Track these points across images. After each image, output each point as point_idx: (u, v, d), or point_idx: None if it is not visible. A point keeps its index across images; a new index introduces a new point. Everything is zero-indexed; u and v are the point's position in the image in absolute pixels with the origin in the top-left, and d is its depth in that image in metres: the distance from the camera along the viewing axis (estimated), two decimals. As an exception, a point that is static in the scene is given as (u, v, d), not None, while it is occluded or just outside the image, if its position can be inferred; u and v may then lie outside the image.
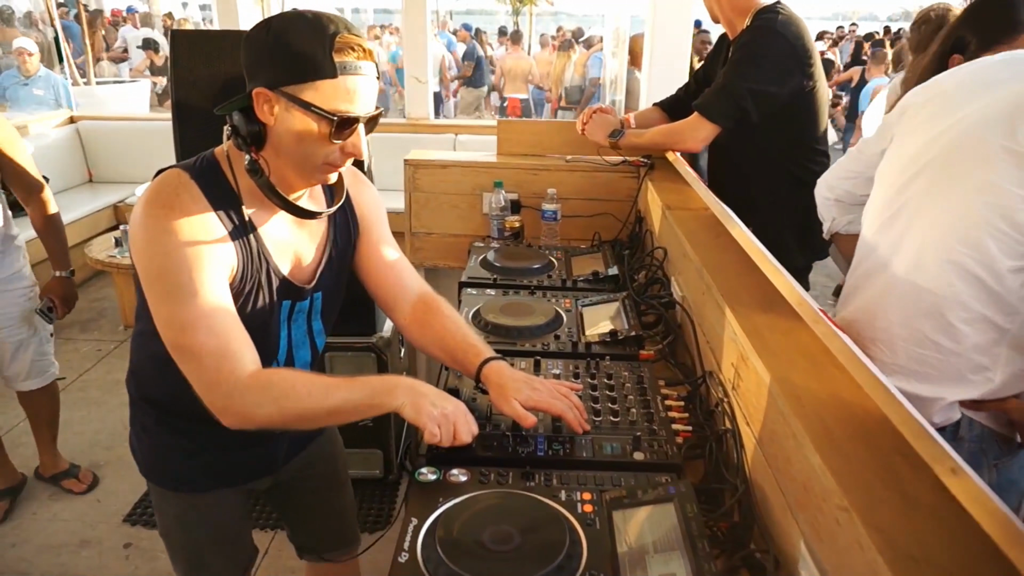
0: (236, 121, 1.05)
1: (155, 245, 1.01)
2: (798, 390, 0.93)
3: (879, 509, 0.71)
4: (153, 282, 1.03)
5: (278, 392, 1.03)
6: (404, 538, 0.91)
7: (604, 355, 1.42)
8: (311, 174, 1.09)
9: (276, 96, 1.01)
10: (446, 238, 2.40)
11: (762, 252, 1.28)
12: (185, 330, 1.01)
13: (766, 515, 0.97)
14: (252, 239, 1.10)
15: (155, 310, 1.04)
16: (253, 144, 1.05)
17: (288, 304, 1.19)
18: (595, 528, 0.94)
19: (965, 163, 1.19)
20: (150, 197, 1.03)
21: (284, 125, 1.02)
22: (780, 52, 1.95)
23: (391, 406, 1.03)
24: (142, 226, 1.02)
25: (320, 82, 0.99)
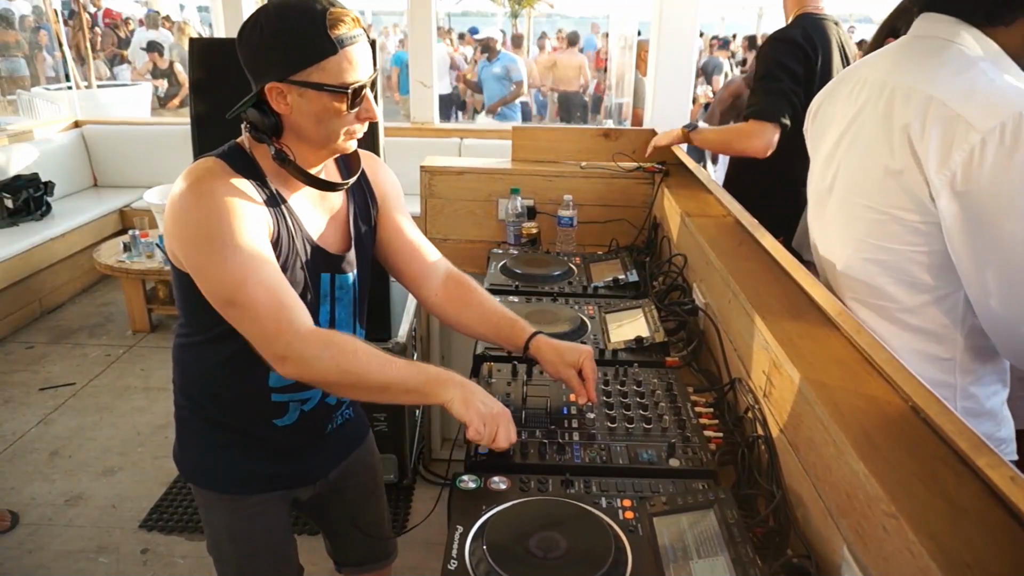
0: (252, 118, 1.09)
1: (198, 210, 1.04)
2: (835, 397, 0.95)
3: (927, 516, 0.72)
4: (200, 247, 1.05)
5: (338, 350, 1.04)
6: (452, 546, 0.93)
7: (631, 362, 1.44)
8: (334, 146, 1.13)
9: (288, 86, 1.05)
10: (462, 244, 2.41)
11: (793, 260, 1.30)
12: (239, 286, 1.03)
13: (803, 521, 0.99)
14: (283, 209, 1.14)
15: (205, 274, 1.05)
16: (273, 135, 1.10)
17: (328, 278, 1.21)
18: (638, 535, 0.96)
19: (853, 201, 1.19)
20: (184, 178, 1.07)
21: (301, 111, 1.07)
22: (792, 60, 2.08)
23: (441, 398, 1.06)
24: (181, 199, 1.05)
25: (324, 62, 1.03)
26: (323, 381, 1.07)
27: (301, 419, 1.27)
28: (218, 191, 1.05)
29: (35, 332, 4.04)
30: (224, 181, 1.07)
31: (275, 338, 1.03)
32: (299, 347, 1.03)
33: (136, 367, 3.63)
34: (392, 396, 1.09)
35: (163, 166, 4.88)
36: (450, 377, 1.08)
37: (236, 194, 1.06)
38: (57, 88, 7.10)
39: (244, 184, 1.09)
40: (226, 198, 1.05)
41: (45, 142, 4.88)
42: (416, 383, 1.07)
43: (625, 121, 5.68)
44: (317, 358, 1.03)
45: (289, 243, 1.14)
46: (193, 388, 1.27)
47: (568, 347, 1.27)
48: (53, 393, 3.36)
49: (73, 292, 4.52)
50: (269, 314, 1.03)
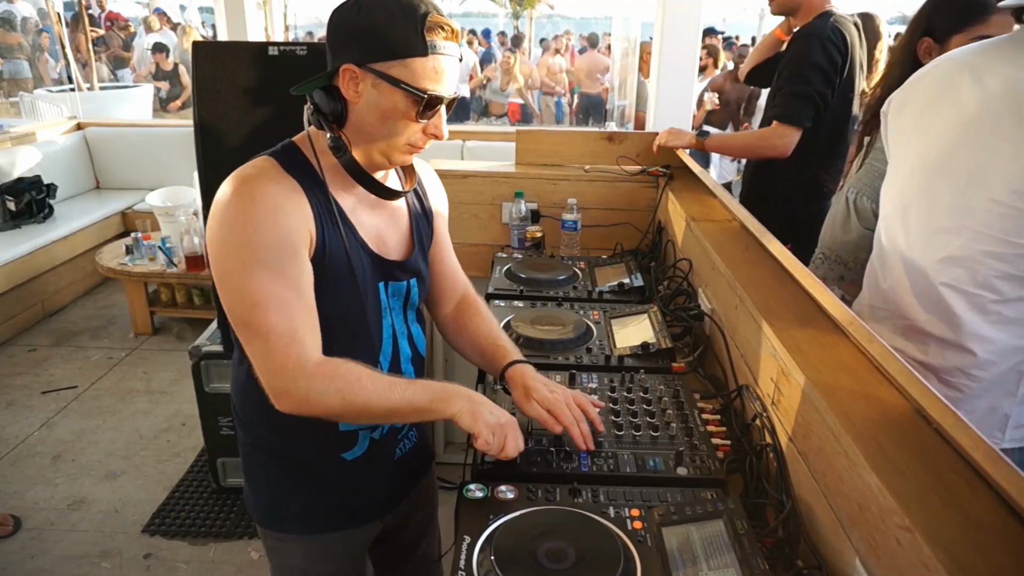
0: (318, 99, 1.04)
1: (235, 214, 0.99)
2: (846, 407, 0.94)
3: (942, 529, 0.72)
4: (228, 255, 1.00)
5: (343, 383, 1.01)
6: (460, 556, 0.92)
7: (637, 368, 1.43)
8: (391, 154, 1.08)
9: (363, 73, 1.00)
10: (466, 247, 2.39)
11: (802, 267, 1.29)
12: (257, 307, 0.98)
13: (813, 532, 0.98)
14: (338, 216, 1.07)
15: (226, 285, 1.01)
16: (335, 122, 1.04)
17: (383, 286, 1.16)
18: (646, 545, 0.95)
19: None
20: (235, 176, 1.02)
21: (369, 102, 1.02)
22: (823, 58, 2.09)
23: (448, 413, 1.04)
24: (222, 200, 1.00)
25: (410, 60, 0.99)
26: (324, 414, 1.04)
27: (371, 448, 1.21)
28: (261, 195, 0.99)
29: (37, 335, 4.03)
30: (271, 184, 1.01)
31: (280, 372, 1.00)
32: (303, 384, 1.00)
33: (138, 370, 3.62)
34: (401, 417, 1.07)
35: (165, 168, 4.88)
36: (455, 391, 1.07)
37: (280, 200, 1.00)
38: (60, 90, 7.10)
39: (293, 187, 1.03)
40: (267, 205, 0.99)
41: (47, 144, 4.88)
42: (422, 402, 1.05)
43: (628, 124, 5.67)
44: (321, 393, 1.00)
45: (342, 254, 1.07)
46: (256, 420, 1.20)
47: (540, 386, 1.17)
48: (55, 396, 3.35)
49: (75, 295, 4.51)
50: (279, 346, 0.99)
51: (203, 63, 2.12)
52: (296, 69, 2.07)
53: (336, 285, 1.08)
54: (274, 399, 1.01)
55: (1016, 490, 0.70)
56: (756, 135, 2.21)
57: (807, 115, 2.12)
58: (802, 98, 2.10)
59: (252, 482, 1.25)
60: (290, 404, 1.01)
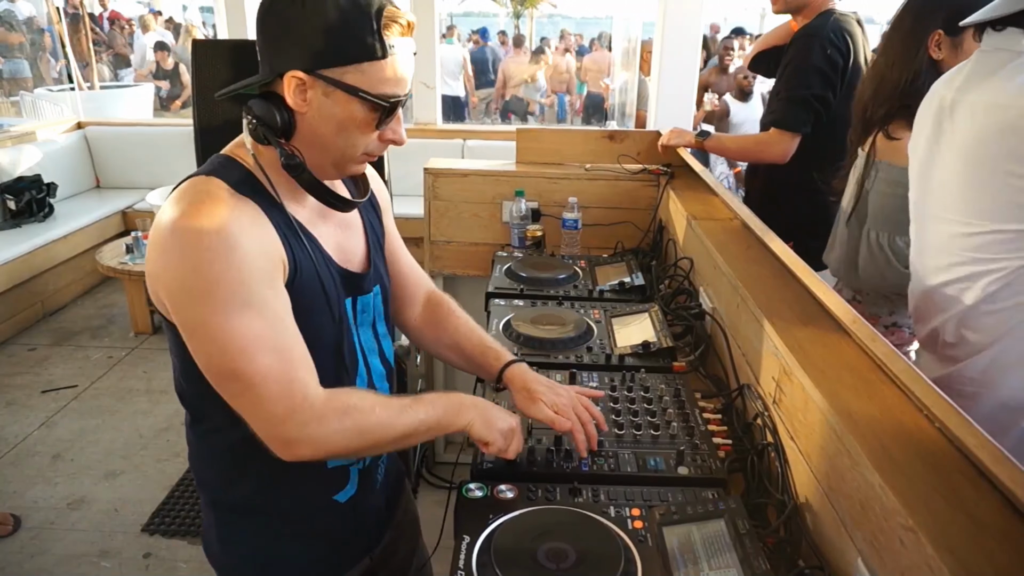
0: (260, 111, 0.91)
1: (195, 251, 0.84)
2: (849, 407, 0.93)
3: (947, 530, 0.71)
4: (196, 300, 0.85)
5: (358, 416, 0.91)
6: (459, 556, 0.91)
7: (638, 367, 1.42)
8: (346, 165, 0.98)
9: (313, 80, 0.89)
10: (465, 247, 2.40)
11: (804, 266, 1.28)
12: (244, 353, 0.85)
13: (815, 532, 0.98)
14: (300, 233, 0.96)
15: (200, 336, 0.87)
16: (282, 135, 0.92)
17: (350, 302, 1.06)
18: (647, 545, 0.95)
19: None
20: (180, 205, 0.87)
21: (321, 112, 0.91)
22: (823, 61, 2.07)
23: (459, 425, 1.01)
24: (172, 233, 0.85)
25: (366, 64, 0.88)
26: (339, 453, 0.94)
27: (360, 482, 1.10)
28: (222, 225, 0.85)
29: (37, 334, 4.03)
30: (228, 209, 0.87)
31: (285, 419, 0.87)
32: (315, 428, 0.88)
33: (138, 369, 3.62)
34: (416, 439, 0.98)
35: (166, 168, 4.88)
36: (461, 401, 1.03)
37: (245, 226, 0.87)
38: (60, 89, 7.10)
39: (251, 210, 0.90)
40: (232, 234, 0.85)
41: (48, 143, 4.88)
42: (435, 419, 0.98)
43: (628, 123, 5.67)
44: (336, 432, 0.89)
45: (313, 274, 0.97)
46: (232, 485, 1.05)
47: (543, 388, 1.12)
48: (55, 396, 3.35)
49: (75, 294, 4.51)
50: (278, 391, 0.87)
51: (203, 62, 2.11)
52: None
53: (311, 308, 0.97)
54: (280, 450, 0.89)
55: (1021, 490, 0.70)
56: (754, 140, 2.19)
57: (805, 121, 2.10)
58: (800, 103, 2.08)
59: (235, 558, 1.09)
60: (302, 451, 0.89)
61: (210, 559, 1.13)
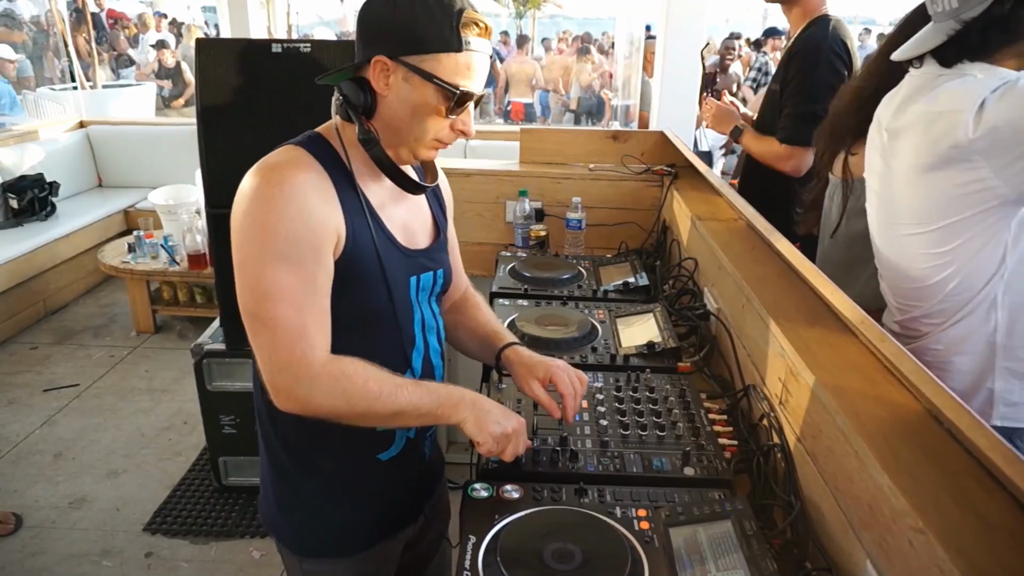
0: (347, 90, 1.02)
1: (264, 202, 0.95)
2: (856, 407, 0.93)
3: (957, 531, 0.71)
4: (249, 241, 0.96)
5: (348, 384, 0.97)
6: (464, 556, 0.91)
7: (643, 367, 1.42)
8: (418, 149, 1.06)
9: (395, 65, 0.99)
10: (469, 246, 2.38)
11: (811, 266, 1.28)
12: (268, 298, 0.95)
13: (822, 533, 0.97)
14: (366, 210, 1.05)
15: (242, 271, 0.97)
16: (364, 114, 1.02)
17: (415, 280, 1.13)
18: (653, 546, 0.94)
19: None
20: (263, 164, 0.99)
21: (400, 95, 1.00)
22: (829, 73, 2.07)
23: (453, 420, 1.02)
24: (252, 187, 0.96)
25: (443, 55, 0.98)
26: (326, 415, 0.99)
27: (406, 447, 1.17)
28: (289, 184, 0.96)
29: (39, 333, 4.03)
30: (302, 172, 0.98)
31: (285, 368, 0.96)
32: (306, 385, 0.96)
33: (140, 368, 3.61)
34: (405, 420, 1.04)
35: (168, 167, 4.87)
36: (461, 396, 1.04)
37: (309, 192, 0.97)
38: (62, 88, 7.10)
39: (323, 179, 1.00)
40: (295, 195, 0.96)
41: (50, 142, 4.88)
42: (428, 406, 1.01)
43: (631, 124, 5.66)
44: (325, 394, 0.96)
45: (371, 250, 1.04)
46: (293, 433, 1.13)
47: (539, 360, 1.19)
48: (57, 394, 3.34)
49: (77, 293, 4.51)
50: (286, 341, 0.95)
51: (206, 60, 2.11)
52: (300, 66, 2.07)
53: (366, 281, 1.05)
54: (274, 396, 0.98)
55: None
56: (775, 155, 2.16)
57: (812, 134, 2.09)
58: (810, 119, 2.05)
59: (286, 506, 1.18)
60: (290, 403, 0.97)
61: (265, 523, 1.23)
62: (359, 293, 1.04)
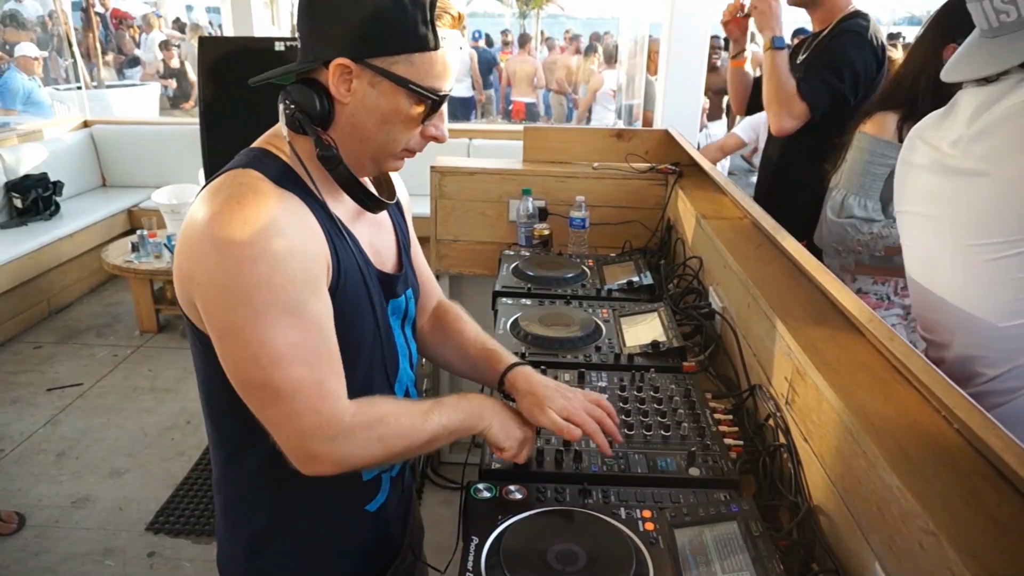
0: (301, 97, 0.88)
1: (242, 251, 0.79)
2: (865, 408, 0.92)
3: (969, 533, 0.69)
4: (240, 300, 0.80)
5: (384, 428, 0.88)
6: (467, 557, 0.90)
7: (648, 367, 1.41)
8: (384, 161, 0.94)
9: (360, 69, 0.85)
10: (472, 245, 2.38)
11: (818, 264, 1.27)
12: (277, 364, 0.81)
13: (830, 534, 0.96)
14: (343, 232, 0.92)
15: (234, 341, 0.82)
16: (320, 125, 0.89)
17: (390, 305, 1.03)
18: (659, 547, 0.93)
19: None
20: (218, 200, 0.82)
21: (365, 103, 0.87)
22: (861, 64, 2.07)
23: (478, 429, 0.98)
24: (216, 235, 0.79)
25: (416, 55, 0.85)
26: (367, 465, 0.90)
27: (391, 489, 1.08)
28: (267, 221, 0.80)
29: (43, 332, 4.03)
30: (273, 204, 0.82)
31: (313, 435, 0.83)
32: (343, 444, 0.84)
33: (143, 368, 3.61)
34: (438, 443, 0.94)
35: (172, 166, 4.88)
36: (481, 403, 1.00)
37: (291, 224, 0.83)
38: (67, 88, 7.12)
39: (296, 206, 0.85)
40: (278, 232, 0.80)
41: (54, 142, 4.89)
42: (457, 424, 0.94)
43: (636, 123, 5.65)
44: (363, 447, 0.86)
45: (357, 276, 0.93)
46: (266, 505, 0.99)
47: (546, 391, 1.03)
48: (60, 393, 3.35)
49: (81, 292, 4.52)
50: (309, 405, 0.83)
51: (209, 59, 2.10)
52: (302, 65, 2.06)
53: (355, 311, 0.94)
54: (303, 465, 0.85)
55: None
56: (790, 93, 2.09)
57: (822, 108, 2.09)
58: (828, 90, 2.07)
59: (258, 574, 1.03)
60: (326, 467, 0.86)
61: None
62: (350, 322, 0.93)
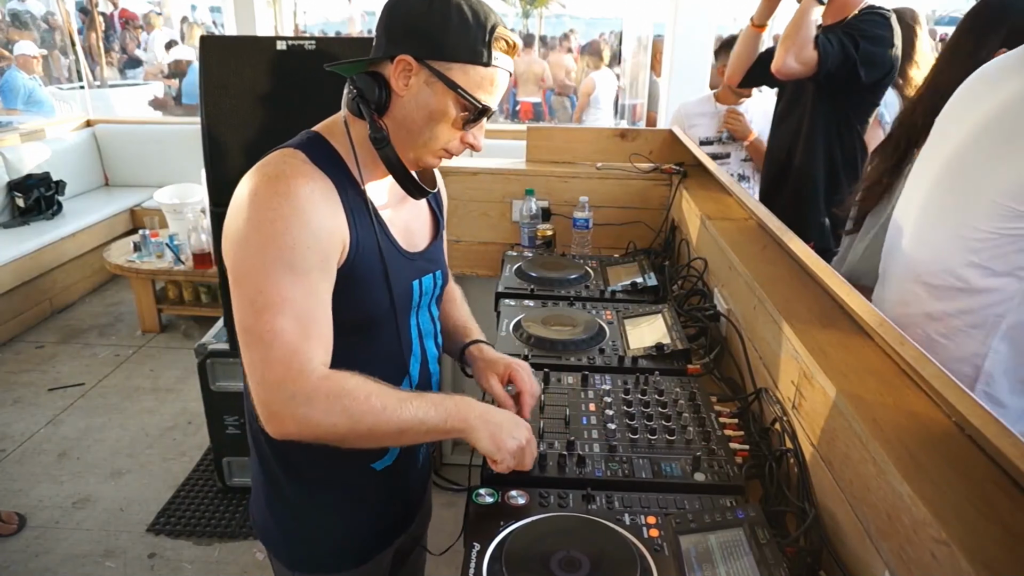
0: (363, 84, 0.98)
1: (268, 211, 0.90)
2: (873, 412, 0.90)
3: (982, 543, 0.68)
4: (253, 252, 0.90)
5: (350, 401, 0.90)
6: (468, 564, 0.89)
7: (652, 370, 1.39)
8: (424, 156, 1.03)
9: (419, 67, 0.96)
10: (475, 246, 2.37)
11: (825, 266, 1.25)
12: (267, 309, 0.88)
13: (838, 542, 0.94)
14: (370, 214, 1.01)
15: (242, 283, 0.91)
16: (376, 111, 0.99)
17: (417, 285, 1.11)
18: (663, 554, 0.92)
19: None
20: (262, 171, 0.94)
21: (418, 99, 0.97)
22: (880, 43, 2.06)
23: (464, 435, 0.97)
24: (253, 194, 0.91)
25: (470, 66, 0.96)
26: (325, 437, 0.91)
27: (401, 455, 1.15)
28: (294, 193, 0.91)
29: (45, 331, 4.03)
30: (306, 181, 0.93)
31: (278, 386, 0.88)
32: (303, 404, 0.88)
33: (145, 368, 3.61)
34: (412, 437, 0.96)
35: (174, 165, 4.88)
36: (470, 409, 0.98)
37: (316, 200, 0.93)
38: (70, 87, 7.12)
39: (327, 186, 0.96)
40: (301, 203, 0.91)
41: (57, 141, 4.89)
42: (435, 421, 0.95)
43: (639, 123, 5.63)
44: (324, 413, 0.89)
45: (375, 255, 1.01)
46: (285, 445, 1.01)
47: (500, 357, 1.20)
48: (62, 393, 3.34)
49: (83, 292, 4.51)
50: (281, 355, 0.88)
51: (211, 58, 2.09)
52: (306, 64, 2.05)
53: (369, 287, 1.01)
54: (267, 421, 0.89)
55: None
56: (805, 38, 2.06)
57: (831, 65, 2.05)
58: (842, 51, 2.05)
59: (277, 516, 1.14)
60: (286, 426, 0.89)
61: (256, 528, 1.19)
62: (361, 299, 1.01)
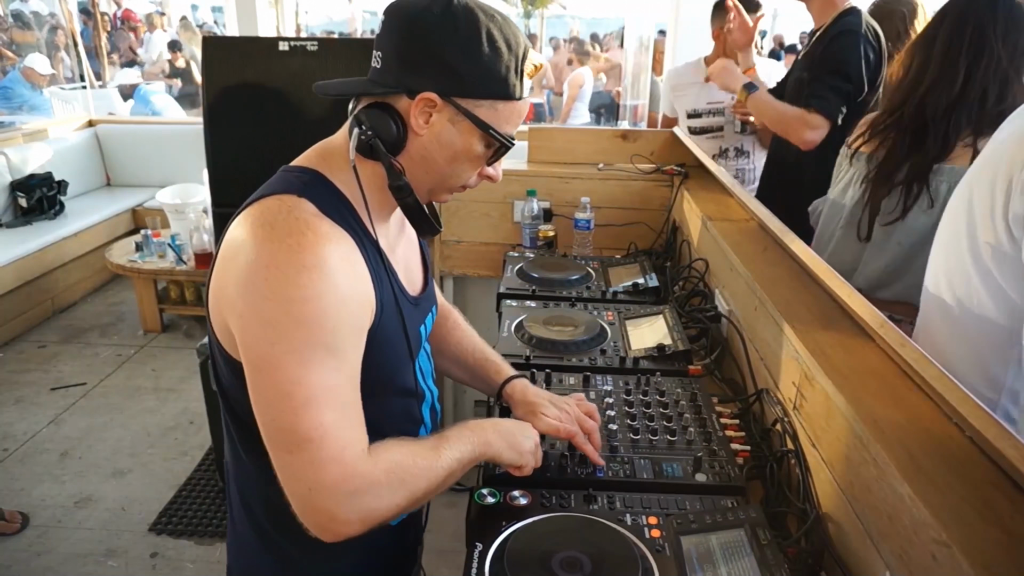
0: (378, 123, 0.85)
1: (291, 287, 0.76)
2: (875, 414, 0.90)
3: (982, 545, 0.68)
4: (280, 336, 0.77)
5: (405, 474, 0.83)
6: (471, 564, 0.89)
7: (653, 371, 1.39)
8: (440, 193, 0.95)
9: (446, 105, 0.84)
10: (476, 246, 2.37)
11: (826, 267, 1.25)
12: (310, 404, 0.77)
13: (839, 543, 0.95)
14: (385, 265, 0.91)
15: (269, 373, 0.78)
16: (390, 152, 0.87)
17: (423, 330, 1.04)
18: (665, 555, 0.92)
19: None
20: (268, 227, 0.79)
21: (440, 138, 0.87)
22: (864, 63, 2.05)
23: (489, 455, 0.96)
24: (267, 264, 0.77)
25: (503, 102, 0.86)
26: (393, 516, 0.84)
27: None
28: (324, 263, 0.78)
29: (47, 331, 4.03)
30: (332, 245, 0.80)
31: (336, 486, 0.77)
32: (367, 498, 0.79)
33: (147, 367, 3.61)
34: (453, 479, 0.90)
35: (176, 166, 4.88)
36: (484, 430, 0.96)
37: (343, 268, 0.80)
38: (72, 88, 7.13)
39: (348, 246, 0.83)
40: (333, 275, 0.78)
41: (59, 141, 4.89)
42: (469, 455, 0.91)
43: (640, 123, 5.63)
44: (389, 495, 0.81)
45: (394, 311, 0.91)
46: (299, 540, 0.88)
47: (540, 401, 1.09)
48: (64, 393, 3.35)
49: (85, 291, 4.52)
50: (332, 454, 0.77)
51: (213, 59, 2.10)
52: (307, 65, 2.05)
53: (392, 345, 0.92)
54: (322, 528, 0.79)
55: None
56: (796, 114, 2.07)
57: (839, 114, 2.07)
58: (841, 95, 2.06)
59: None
60: (351, 528, 0.79)
61: None
62: (386, 358, 0.92)
